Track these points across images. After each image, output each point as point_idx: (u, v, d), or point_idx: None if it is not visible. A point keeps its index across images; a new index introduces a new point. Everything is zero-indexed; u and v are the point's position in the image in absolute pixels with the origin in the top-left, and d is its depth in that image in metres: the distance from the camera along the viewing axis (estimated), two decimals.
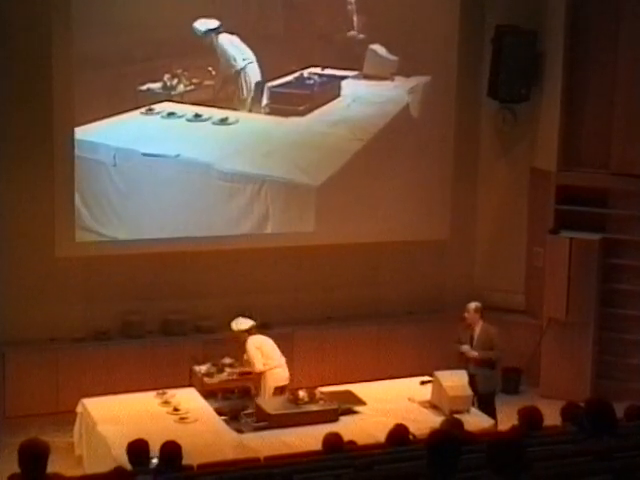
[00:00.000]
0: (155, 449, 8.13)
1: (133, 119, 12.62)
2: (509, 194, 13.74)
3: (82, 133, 12.23)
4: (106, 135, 12.53)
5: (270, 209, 13.15)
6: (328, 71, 13.36)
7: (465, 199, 13.69)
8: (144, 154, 12.62)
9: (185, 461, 8.08)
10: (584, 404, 7.51)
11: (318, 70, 13.31)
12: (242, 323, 11.44)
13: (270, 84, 13.10)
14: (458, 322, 11.56)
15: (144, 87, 12.58)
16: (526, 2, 13.25)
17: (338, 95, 13.43)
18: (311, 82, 13.31)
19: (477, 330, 11.30)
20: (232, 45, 13.08)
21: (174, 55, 12.76)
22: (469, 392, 10.74)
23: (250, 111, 13.06)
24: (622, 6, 12.73)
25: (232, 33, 12.89)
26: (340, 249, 13.03)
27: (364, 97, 13.60)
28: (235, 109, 12.98)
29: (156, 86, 12.75)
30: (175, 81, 12.92)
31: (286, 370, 11.39)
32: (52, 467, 6.94)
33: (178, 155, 12.68)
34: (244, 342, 11.32)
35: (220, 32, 12.87)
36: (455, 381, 10.73)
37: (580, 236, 12.90)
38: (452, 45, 13.25)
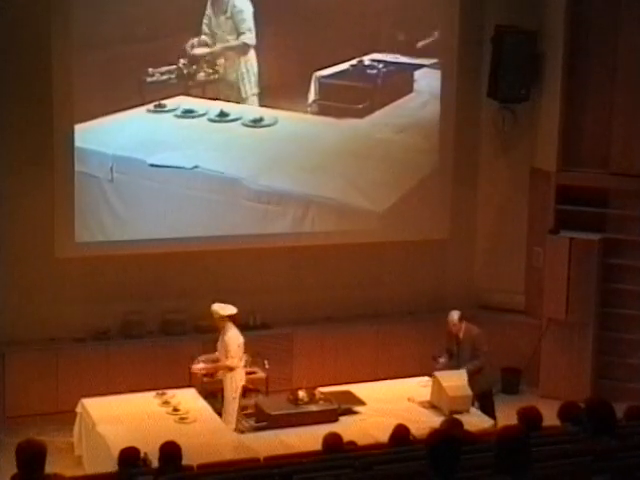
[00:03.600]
0: (155, 449, 8.13)
1: (137, 118, 10.38)
2: (509, 194, 13.74)
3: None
4: (101, 140, 10.31)
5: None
6: (397, 58, 11.04)
7: (465, 199, 13.69)
8: (151, 165, 10.50)
9: (185, 461, 8.08)
10: (584, 404, 7.50)
11: (384, 56, 10.97)
12: (228, 309, 11.00)
13: (319, 73, 10.63)
14: (444, 334, 11.50)
15: (152, 75, 10.24)
16: (526, 2, 13.24)
17: (410, 90, 11.27)
18: (374, 72, 10.88)
19: (461, 335, 11.31)
20: (249, 8, 9.91)
21: (191, 30, 10.00)
22: (469, 392, 10.75)
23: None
24: (622, 6, 12.73)
25: None
26: (340, 249, 13.01)
27: None
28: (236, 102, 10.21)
29: (168, 74, 10.25)
30: (194, 67, 10.32)
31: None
32: (52, 467, 6.95)
33: (196, 167, 10.53)
34: (222, 329, 10.98)
35: None
36: (455, 381, 10.74)
37: (580, 236, 12.90)
38: (452, 45, 13.22)
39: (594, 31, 12.88)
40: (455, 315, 11.34)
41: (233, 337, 10.96)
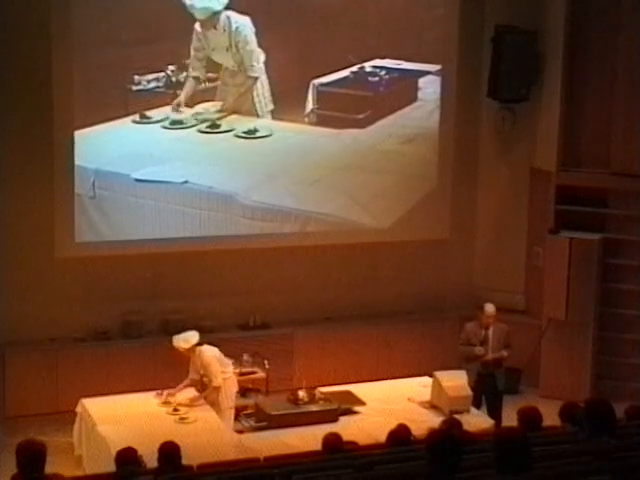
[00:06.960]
0: (154, 449, 8.13)
1: (122, 129, 9.82)
2: (509, 194, 13.74)
3: None
4: (82, 153, 9.78)
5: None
6: (400, 64, 10.53)
7: (465, 199, 13.69)
8: (137, 180, 9.98)
9: (185, 461, 8.08)
10: (584, 404, 7.51)
11: (386, 62, 10.47)
12: (191, 337, 10.65)
13: (317, 81, 10.03)
14: (464, 323, 11.67)
15: (138, 83, 9.75)
16: (526, 2, 13.24)
17: (414, 98, 10.79)
18: (376, 79, 10.39)
19: (491, 330, 11.36)
20: (252, 35, 9.41)
21: (180, 36, 9.44)
22: (469, 392, 10.75)
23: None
24: (622, 7, 12.73)
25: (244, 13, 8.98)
26: (340, 249, 13.01)
27: None
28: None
29: (155, 82, 9.77)
30: (183, 74, 9.90)
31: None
32: (52, 467, 6.96)
33: (186, 182, 10.04)
34: (194, 356, 10.61)
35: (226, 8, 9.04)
36: (455, 381, 10.74)
37: (580, 236, 12.90)
38: (452, 45, 13.21)
39: (594, 31, 12.88)
40: (492, 308, 11.42)
41: (210, 355, 10.60)
